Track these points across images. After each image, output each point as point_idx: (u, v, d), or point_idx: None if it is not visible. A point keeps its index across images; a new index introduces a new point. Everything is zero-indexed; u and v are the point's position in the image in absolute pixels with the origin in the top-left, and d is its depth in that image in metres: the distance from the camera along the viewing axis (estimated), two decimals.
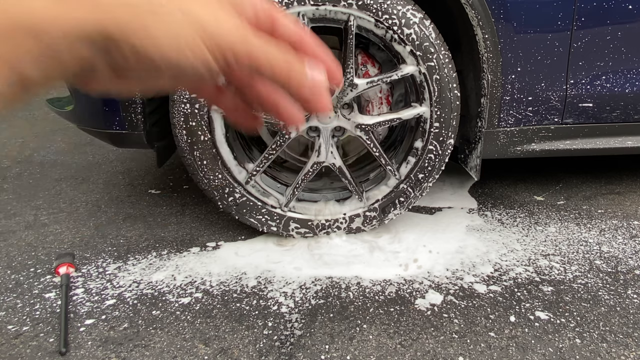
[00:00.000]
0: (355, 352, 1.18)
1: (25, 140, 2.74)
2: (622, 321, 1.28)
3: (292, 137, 1.56)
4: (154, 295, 1.39)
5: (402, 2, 1.43)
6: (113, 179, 2.22)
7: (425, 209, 1.91)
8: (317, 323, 1.28)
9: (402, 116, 1.56)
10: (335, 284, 1.44)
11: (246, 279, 1.47)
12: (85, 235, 1.72)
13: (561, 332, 1.24)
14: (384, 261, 1.55)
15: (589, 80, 1.62)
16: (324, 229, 1.65)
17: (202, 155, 1.54)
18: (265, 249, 1.62)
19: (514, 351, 1.18)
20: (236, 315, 1.31)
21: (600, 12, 1.52)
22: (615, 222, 1.80)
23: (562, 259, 1.57)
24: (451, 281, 1.45)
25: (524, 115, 1.64)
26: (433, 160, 1.60)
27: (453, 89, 1.52)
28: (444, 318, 1.29)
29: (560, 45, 1.55)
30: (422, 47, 1.47)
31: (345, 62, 1.47)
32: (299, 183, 1.61)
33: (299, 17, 1.42)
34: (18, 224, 1.81)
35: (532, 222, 1.80)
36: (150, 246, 1.65)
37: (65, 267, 1.47)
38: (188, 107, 1.49)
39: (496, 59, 1.53)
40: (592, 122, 1.69)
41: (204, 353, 1.17)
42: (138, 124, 1.59)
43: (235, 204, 1.62)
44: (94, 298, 1.38)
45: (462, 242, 1.66)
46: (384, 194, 1.64)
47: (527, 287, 1.42)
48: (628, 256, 1.58)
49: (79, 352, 1.18)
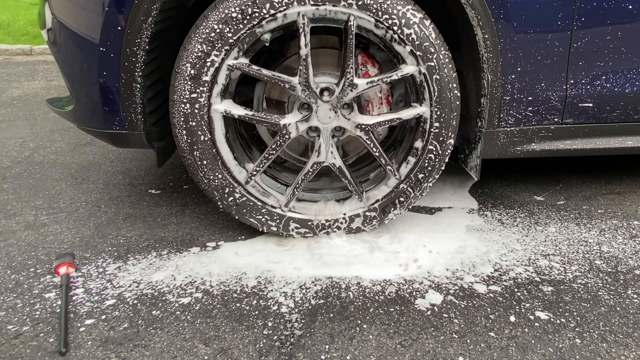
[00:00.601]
0: (355, 352, 1.18)
1: (25, 140, 2.75)
2: (622, 321, 1.28)
3: (292, 137, 1.56)
4: (154, 295, 1.39)
5: (402, 2, 1.43)
6: (113, 179, 2.22)
7: (425, 209, 1.91)
8: (317, 323, 1.28)
9: (402, 116, 1.56)
10: (335, 284, 1.44)
11: (246, 279, 1.47)
12: (85, 235, 1.72)
13: (561, 332, 1.24)
14: (384, 261, 1.55)
15: (589, 80, 1.62)
16: (324, 229, 1.65)
17: (202, 155, 1.54)
18: (265, 249, 1.62)
19: (514, 351, 1.18)
20: (236, 315, 1.31)
21: (600, 12, 1.52)
22: (615, 222, 1.80)
23: (562, 259, 1.57)
24: (451, 281, 1.45)
25: (524, 115, 1.64)
26: (433, 160, 1.60)
27: (453, 89, 1.52)
28: (444, 318, 1.29)
29: (560, 45, 1.55)
30: (422, 47, 1.47)
31: (345, 62, 1.47)
32: (299, 183, 1.61)
33: (299, 17, 1.42)
34: (18, 224, 1.81)
35: (532, 222, 1.80)
36: (150, 246, 1.65)
37: (65, 267, 1.47)
38: (188, 107, 1.49)
39: (496, 59, 1.53)
40: (592, 122, 1.69)
41: (204, 353, 1.17)
42: (138, 124, 1.59)
43: (235, 204, 1.62)
44: (94, 298, 1.38)
45: (462, 242, 1.66)
46: (384, 194, 1.64)
47: (527, 287, 1.42)
48: (628, 256, 1.58)
49: (79, 352, 1.18)
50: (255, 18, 1.41)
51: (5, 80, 4.30)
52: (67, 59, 1.61)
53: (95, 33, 1.46)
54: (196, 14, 1.51)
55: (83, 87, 1.59)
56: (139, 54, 1.48)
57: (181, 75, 1.46)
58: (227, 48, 1.44)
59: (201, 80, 1.46)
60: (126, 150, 2.56)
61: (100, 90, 1.54)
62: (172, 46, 1.67)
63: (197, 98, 1.48)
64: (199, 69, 1.45)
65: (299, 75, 1.48)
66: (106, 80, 1.52)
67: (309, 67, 1.46)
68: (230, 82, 1.52)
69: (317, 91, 1.50)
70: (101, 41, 1.46)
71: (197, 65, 1.45)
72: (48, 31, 1.65)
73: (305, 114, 1.55)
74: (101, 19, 1.44)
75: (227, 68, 1.47)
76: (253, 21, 1.42)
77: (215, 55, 1.44)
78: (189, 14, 1.70)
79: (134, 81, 1.52)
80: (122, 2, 1.43)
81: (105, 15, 1.43)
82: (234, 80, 1.58)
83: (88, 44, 1.49)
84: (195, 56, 1.44)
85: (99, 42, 1.46)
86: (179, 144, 1.54)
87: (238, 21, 1.41)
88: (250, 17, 1.41)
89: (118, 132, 1.61)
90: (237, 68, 1.48)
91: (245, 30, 1.43)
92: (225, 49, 1.44)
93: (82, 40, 1.50)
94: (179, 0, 1.61)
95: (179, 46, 1.48)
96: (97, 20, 1.45)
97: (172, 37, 1.68)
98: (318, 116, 1.54)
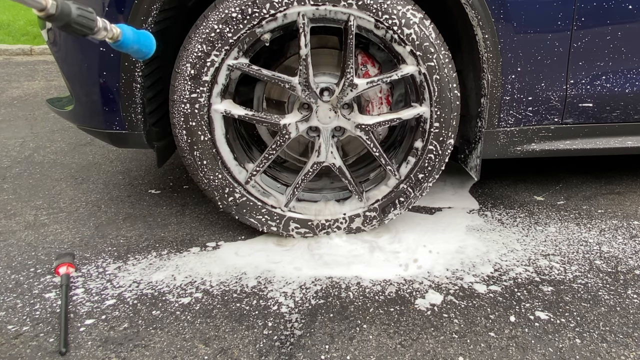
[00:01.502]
0: (355, 352, 1.18)
1: (25, 140, 2.75)
2: (622, 321, 1.28)
3: (292, 137, 1.56)
4: (154, 295, 1.39)
5: (402, 2, 1.43)
6: (113, 179, 2.22)
7: (425, 209, 1.91)
8: (317, 323, 1.28)
9: (402, 116, 1.56)
10: (335, 284, 1.44)
11: (246, 279, 1.47)
12: (85, 235, 1.72)
13: (561, 332, 1.24)
14: (384, 261, 1.55)
15: (589, 80, 1.62)
16: (324, 229, 1.65)
17: (202, 155, 1.54)
18: (265, 249, 1.62)
19: (514, 351, 1.18)
20: (236, 315, 1.31)
21: (600, 12, 1.52)
22: (615, 222, 1.80)
23: (562, 259, 1.57)
24: (451, 281, 1.45)
25: (524, 115, 1.64)
26: (433, 160, 1.60)
27: (453, 89, 1.52)
28: (444, 318, 1.29)
29: (560, 45, 1.55)
30: (422, 47, 1.47)
31: (345, 62, 1.47)
32: (299, 183, 1.61)
33: (299, 17, 1.42)
34: (18, 224, 1.81)
35: (532, 222, 1.80)
36: (150, 246, 1.65)
37: (65, 267, 1.47)
38: (188, 107, 1.49)
39: (496, 59, 1.53)
40: (592, 122, 1.69)
41: (204, 353, 1.17)
42: (138, 124, 1.59)
43: (235, 204, 1.62)
44: (94, 298, 1.38)
45: (462, 242, 1.66)
46: (384, 194, 1.64)
47: (527, 287, 1.42)
48: (628, 256, 1.58)
49: (79, 352, 1.18)
50: (255, 18, 1.41)
51: (5, 80, 4.30)
52: (67, 59, 1.61)
53: None
54: (196, 14, 1.51)
55: (83, 87, 1.59)
56: None
57: (181, 75, 1.46)
58: (227, 48, 1.44)
59: (201, 80, 1.46)
60: (126, 150, 2.56)
61: (100, 90, 1.54)
62: (172, 46, 1.67)
63: (197, 98, 1.48)
64: (199, 69, 1.45)
65: (299, 75, 1.48)
66: (106, 80, 1.52)
67: (309, 67, 1.46)
68: (230, 82, 1.52)
69: (317, 91, 1.50)
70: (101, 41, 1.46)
71: (197, 65, 1.45)
72: (48, 31, 1.65)
73: (305, 114, 1.55)
74: None
75: (227, 68, 1.47)
76: (253, 21, 1.42)
77: (215, 55, 1.44)
78: (189, 14, 1.70)
79: (134, 81, 1.52)
80: (122, 2, 1.43)
81: (105, 15, 1.43)
82: (234, 80, 1.58)
83: (88, 44, 1.49)
84: (195, 56, 1.44)
85: (99, 42, 1.46)
86: (179, 144, 1.54)
87: (238, 21, 1.41)
88: (250, 17, 1.41)
89: (118, 132, 1.61)
90: (237, 68, 1.48)
91: (245, 30, 1.43)
92: (225, 49, 1.44)
93: (82, 40, 1.50)
94: (179, 0, 1.61)
95: (179, 46, 1.48)
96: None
97: (172, 37, 1.68)
98: (318, 116, 1.54)
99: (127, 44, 1.03)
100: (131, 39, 1.04)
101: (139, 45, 1.05)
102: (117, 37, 1.01)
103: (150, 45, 1.08)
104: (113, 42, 1.02)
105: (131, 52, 1.07)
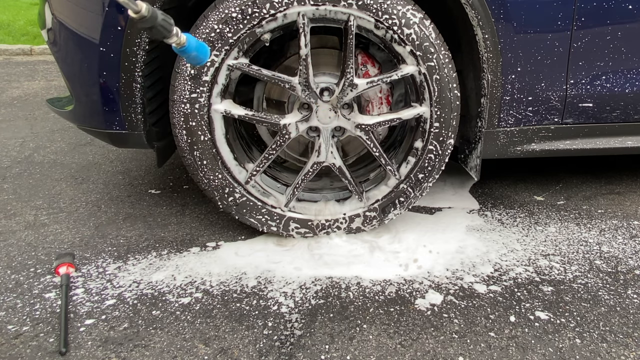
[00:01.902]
0: (355, 352, 1.18)
1: (25, 140, 2.75)
2: (622, 321, 1.28)
3: (292, 137, 1.56)
4: (154, 295, 1.39)
5: (402, 2, 1.43)
6: (113, 179, 2.22)
7: (425, 209, 1.91)
8: (317, 323, 1.28)
9: (402, 116, 1.56)
10: (335, 284, 1.44)
11: (246, 279, 1.47)
12: (85, 235, 1.72)
13: (561, 332, 1.24)
14: (384, 261, 1.55)
15: (589, 80, 1.62)
16: (324, 229, 1.65)
17: (202, 155, 1.54)
18: (265, 249, 1.62)
19: (514, 351, 1.18)
20: (236, 315, 1.31)
21: (600, 12, 1.52)
22: (615, 222, 1.80)
23: (562, 259, 1.57)
24: (451, 281, 1.45)
25: (524, 115, 1.64)
26: (433, 160, 1.60)
27: (453, 89, 1.52)
28: (444, 318, 1.29)
29: (560, 45, 1.55)
30: (422, 47, 1.47)
31: (345, 62, 1.47)
32: (299, 183, 1.61)
33: (299, 17, 1.42)
34: (18, 224, 1.81)
35: (532, 222, 1.80)
36: (150, 246, 1.65)
37: (65, 267, 1.47)
38: (188, 107, 1.49)
39: (496, 59, 1.53)
40: (592, 122, 1.69)
41: (204, 353, 1.17)
42: (138, 124, 1.59)
43: (235, 204, 1.62)
44: (94, 298, 1.38)
45: (462, 242, 1.66)
46: (384, 194, 1.64)
47: (527, 287, 1.42)
48: (628, 256, 1.58)
49: (79, 352, 1.18)
50: (255, 18, 1.41)
51: (5, 80, 4.30)
52: (67, 59, 1.61)
53: (95, 33, 1.46)
54: (196, 14, 1.51)
55: (83, 87, 1.59)
56: (139, 54, 1.48)
57: (181, 75, 1.46)
58: (227, 48, 1.44)
59: (201, 80, 1.46)
60: (126, 150, 2.56)
61: (100, 90, 1.54)
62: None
63: (197, 98, 1.48)
64: (199, 68, 1.45)
65: (299, 75, 1.48)
66: (106, 80, 1.52)
67: (309, 67, 1.46)
68: (230, 82, 1.52)
69: (317, 91, 1.50)
70: (101, 41, 1.46)
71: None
72: (48, 31, 1.65)
73: (305, 114, 1.55)
74: (101, 19, 1.44)
75: (227, 68, 1.47)
76: (253, 21, 1.42)
77: (215, 55, 1.44)
78: (189, 14, 1.70)
79: (134, 81, 1.52)
80: None
81: (105, 15, 1.43)
82: (234, 80, 1.58)
83: (88, 44, 1.49)
84: None
85: (99, 42, 1.46)
86: (179, 144, 1.54)
87: (238, 21, 1.41)
88: (250, 17, 1.41)
89: (118, 132, 1.61)
90: (237, 68, 1.48)
91: (245, 30, 1.43)
92: (225, 49, 1.44)
93: (82, 40, 1.50)
94: (179, 0, 1.61)
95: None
96: (97, 20, 1.45)
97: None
98: (318, 116, 1.54)
99: (189, 50, 1.15)
100: (193, 47, 1.16)
101: (197, 52, 1.17)
102: (183, 43, 1.14)
103: (206, 53, 1.20)
104: (179, 47, 1.14)
105: (190, 57, 1.18)
